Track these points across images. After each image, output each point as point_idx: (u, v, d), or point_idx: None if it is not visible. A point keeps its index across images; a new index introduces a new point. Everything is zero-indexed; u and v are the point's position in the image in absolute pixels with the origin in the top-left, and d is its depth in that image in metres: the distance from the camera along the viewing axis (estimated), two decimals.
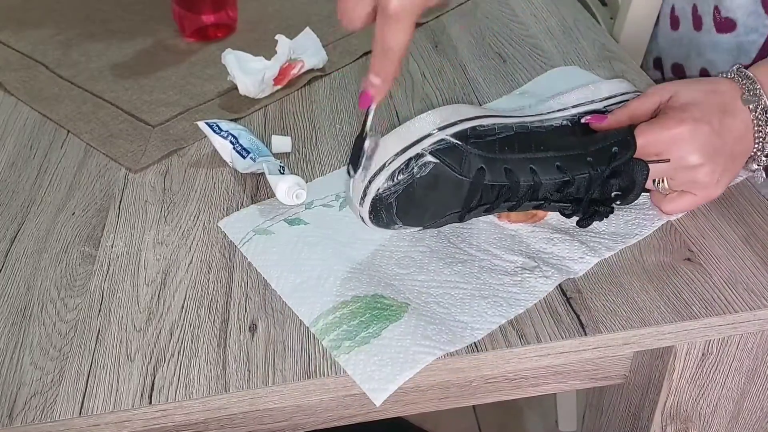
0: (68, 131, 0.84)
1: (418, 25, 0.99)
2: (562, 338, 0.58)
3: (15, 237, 0.70)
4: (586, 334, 0.58)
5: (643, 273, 0.62)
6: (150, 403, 0.55)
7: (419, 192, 0.60)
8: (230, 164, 0.75)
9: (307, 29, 0.91)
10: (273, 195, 0.72)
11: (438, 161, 0.60)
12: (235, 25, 1.00)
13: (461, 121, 0.61)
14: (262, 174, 0.75)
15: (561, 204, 0.64)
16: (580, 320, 0.59)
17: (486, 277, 0.62)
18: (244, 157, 0.73)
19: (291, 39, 0.88)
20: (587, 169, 0.62)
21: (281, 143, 0.78)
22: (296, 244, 0.66)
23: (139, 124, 0.84)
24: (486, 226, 0.67)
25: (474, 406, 1.54)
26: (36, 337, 0.60)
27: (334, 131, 0.81)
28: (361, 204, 0.61)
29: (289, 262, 0.64)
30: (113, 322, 0.61)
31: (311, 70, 0.90)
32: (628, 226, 0.66)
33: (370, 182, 0.60)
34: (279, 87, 0.87)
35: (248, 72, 0.85)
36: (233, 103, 0.86)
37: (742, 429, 0.69)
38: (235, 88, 0.86)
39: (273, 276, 0.63)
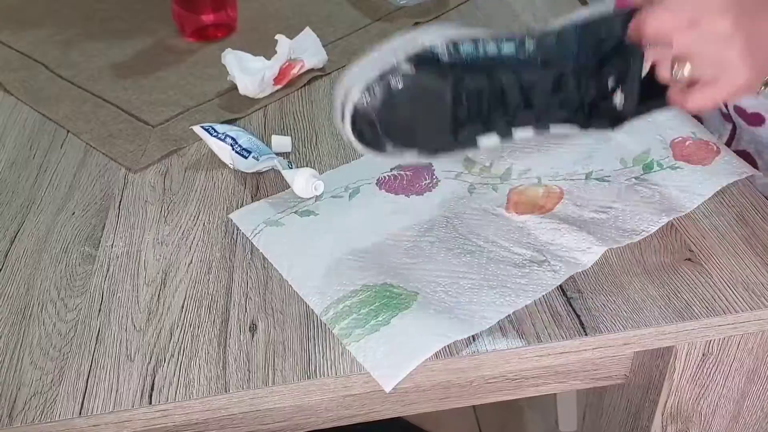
0: (68, 131, 0.84)
1: (418, 24, 0.99)
2: (562, 338, 0.57)
3: (15, 237, 0.70)
4: (586, 334, 0.58)
5: (643, 273, 0.62)
6: (150, 403, 0.55)
7: (401, 106, 0.58)
8: (231, 166, 0.75)
9: (307, 29, 0.91)
10: (273, 193, 0.72)
11: (415, 71, 0.57)
12: (235, 24, 1.00)
13: (446, 37, 0.59)
14: (263, 173, 0.75)
15: (563, 114, 0.61)
16: (580, 320, 0.59)
17: (494, 268, 0.63)
18: (245, 158, 0.73)
19: (291, 39, 0.88)
20: (573, 59, 0.59)
21: (281, 143, 0.78)
22: (306, 234, 0.66)
23: (138, 124, 0.84)
24: (494, 217, 0.67)
25: (474, 406, 1.54)
26: (36, 337, 0.60)
27: (334, 131, 0.81)
28: (342, 121, 0.59)
29: (300, 252, 0.65)
30: (113, 322, 0.61)
31: (311, 70, 0.90)
32: (635, 220, 0.66)
33: (346, 97, 0.58)
34: (279, 87, 0.87)
35: (248, 72, 0.85)
36: (233, 103, 0.86)
37: (742, 429, 0.69)
38: (235, 88, 0.86)
39: (284, 266, 0.64)
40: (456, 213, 0.68)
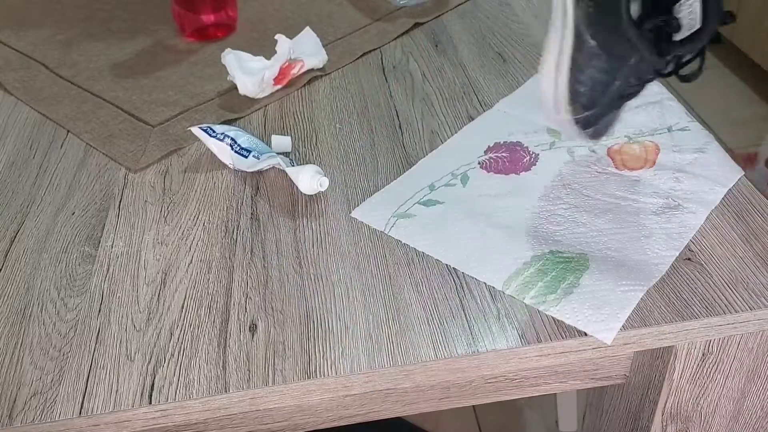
0: (68, 131, 0.84)
1: (418, 24, 0.99)
2: (562, 338, 0.58)
3: (15, 237, 0.70)
4: (586, 334, 0.58)
5: None
6: (150, 403, 0.55)
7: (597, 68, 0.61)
8: (231, 166, 0.75)
9: (307, 29, 0.91)
10: (274, 195, 0.72)
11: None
12: (235, 24, 1.00)
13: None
14: (263, 173, 0.75)
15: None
16: None
17: (638, 219, 0.66)
18: (245, 157, 0.73)
19: (291, 39, 0.88)
20: None
21: (281, 143, 0.78)
22: (443, 222, 0.67)
23: (138, 124, 0.84)
24: (609, 176, 0.71)
25: (474, 406, 1.54)
26: (36, 337, 0.60)
27: (333, 131, 0.81)
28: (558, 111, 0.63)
29: (446, 239, 0.66)
30: (113, 321, 0.61)
31: (311, 70, 0.90)
32: (729, 161, 0.71)
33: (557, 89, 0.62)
34: (279, 87, 0.87)
35: (248, 72, 0.85)
36: (233, 103, 0.86)
37: (742, 429, 0.69)
38: (235, 87, 0.86)
39: (438, 251, 0.65)
40: (572, 179, 0.71)
